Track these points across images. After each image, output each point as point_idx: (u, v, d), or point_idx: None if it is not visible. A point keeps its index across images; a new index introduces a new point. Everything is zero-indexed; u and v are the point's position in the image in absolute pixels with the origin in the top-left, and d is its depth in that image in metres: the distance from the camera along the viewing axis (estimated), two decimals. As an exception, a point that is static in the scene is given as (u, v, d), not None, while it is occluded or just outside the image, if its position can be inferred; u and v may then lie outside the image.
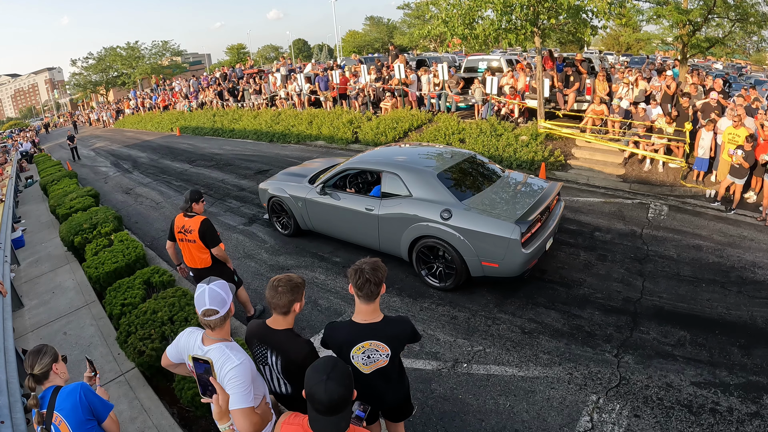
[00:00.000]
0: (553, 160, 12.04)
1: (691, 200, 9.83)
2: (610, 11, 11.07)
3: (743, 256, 7.23)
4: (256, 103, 23.58)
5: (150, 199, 12.47)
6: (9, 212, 11.28)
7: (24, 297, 7.43)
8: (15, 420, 3.80)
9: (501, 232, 5.84)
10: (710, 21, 13.64)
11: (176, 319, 5.29)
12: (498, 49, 24.53)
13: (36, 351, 2.92)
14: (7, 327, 5.32)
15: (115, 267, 7.04)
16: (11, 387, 4.24)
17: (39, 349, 2.94)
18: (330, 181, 7.73)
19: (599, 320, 5.77)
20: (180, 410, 4.72)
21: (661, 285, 6.49)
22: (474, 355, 5.29)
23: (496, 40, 12.45)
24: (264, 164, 15.02)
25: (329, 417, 2.07)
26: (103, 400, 2.91)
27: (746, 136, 8.84)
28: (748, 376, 4.74)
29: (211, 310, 2.61)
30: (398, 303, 6.41)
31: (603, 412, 4.40)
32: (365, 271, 2.82)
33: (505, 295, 6.41)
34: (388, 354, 2.94)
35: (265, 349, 2.96)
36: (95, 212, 9.40)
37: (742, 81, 25.44)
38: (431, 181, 6.64)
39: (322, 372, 2.08)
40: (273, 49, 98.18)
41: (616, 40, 47.47)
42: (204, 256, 5.46)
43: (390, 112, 16.92)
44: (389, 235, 6.92)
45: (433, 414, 4.52)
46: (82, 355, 5.60)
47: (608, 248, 7.61)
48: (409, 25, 65.13)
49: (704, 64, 34.88)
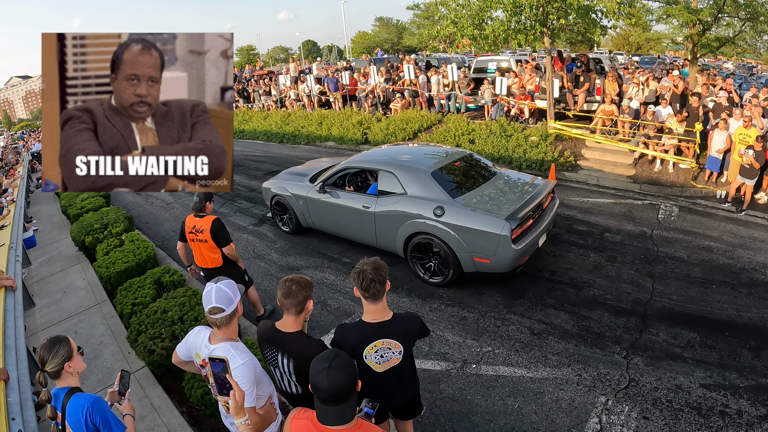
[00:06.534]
0: (563, 160, 12.00)
1: (701, 201, 9.76)
2: (619, 11, 11.02)
3: (754, 257, 7.17)
4: (266, 104, 23.65)
5: (161, 199, 12.54)
6: (20, 212, 11.39)
7: (35, 296, 7.50)
8: (26, 417, 3.83)
9: (491, 228, 5.96)
10: (720, 20, 13.53)
11: (186, 318, 5.33)
12: (507, 50, 24.47)
13: (48, 347, 2.75)
14: (18, 325, 5.36)
15: (126, 267, 7.09)
16: (22, 384, 4.28)
17: (51, 345, 2.75)
18: (329, 179, 7.87)
19: (609, 322, 5.75)
20: (189, 409, 4.75)
21: (671, 286, 6.46)
22: (483, 355, 5.29)
23: (506, 41, 12.42)
24: (274, 165, 15.06)
25: (334, 407, 2.11)
26: (117, 421, 2.75)
27: (757, 136, 8.77)
28: (758, 379, 4.71)
29: (217, 308, 2.63)
30: (407, 304, 6.42)
31: (612, 414, 4.38)
32: (368, 272, 2.84)
33: (515, 296, 6.40)
34: (401, 351, 2.95)
35: (276, 352, 2.97)
36: (106, 212, 9.47)
37: (753, 80, 25.16)
38: (425, 179, 6.77)
39: (324, 361, 2.13)
40: (282, 50, 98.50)
41: (626, 40, 47.12)
42: (215, 256, 5.50)
43: (400, 113, 16.91)
44: (385, 232, 7.06)
45: (441, 414, 4.52)
46: (93, 354, 5.67)
47: (618, 249, 7.58)
48: (418, 25, 65.01)
49: (715, 63, 34.58)
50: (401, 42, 69.39)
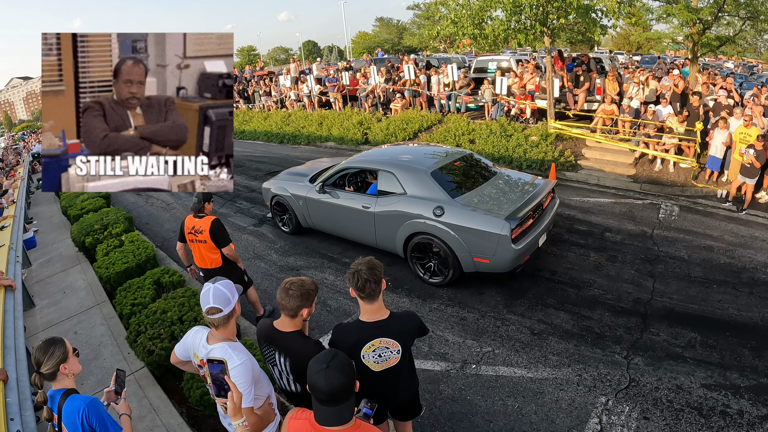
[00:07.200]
0: (563, 160, 11.99)
1: (702, 200, 9.74)
2: (619, 10, 11.01)
3: (755, 256, 7.15)
4: (266, 104, 23.65)
5: (161, 200, 12.53)
6: (21, 213, 11.39)
7: (35, 297, 7.50)
8: (24, 417, 3.84)
9: (491, 228, 5.96)
10: (720, 19, 13.48)
11: (186, 318, 5.33)
12: (508, 50, 24.43)
13: (44, 349, 2.74)
14: (18, 326, 5.36)
15: (126, 267, 7.09)
16: (21, 385, 4.28)
17: (46, 347, 2.75)
18: (329, 179, 7.87)
19: (609, 321, 5.74)
20: (189, 409, 4.75)
21: (672, 286, 6.44)
22: (483, 356, 5.28)
23: (506, 41, 12.41)
24: (274, 165, 15.06)
25: (332, 407, 2.11)
26: (113, 422, 2.73)
27: (757, 135, 8.76)
28: (759, 379, 4.69)
29: (214, 308, 2.63)
30: (407, 304, 6.41)
31: (612, 414, 4.37)
32: (362, 272, 2.84)
33: (515, 296, 6.39)
34: (399, 350, 2.95)
35: (273, 351, 2.97)
36: (106, 213, 9.47)
37: (754, 80, 25.14)
38: (425, 179, 6.77)
39: (322, 361, 2.13)
40: (283, 51, 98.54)
41: (626, 39, 47.13)
42: (214, 256, 5.49)
43: (400, 113, 16.90)
44: (385, 232, 7.06)
45: (441, 415, 4.51)
46: (92, 354, 5.67)
47: (618, 249, 7.56)
48: (418, 26, 65.00)
49: (715, 63, 34.57)
50: (402, 42, 69.37)
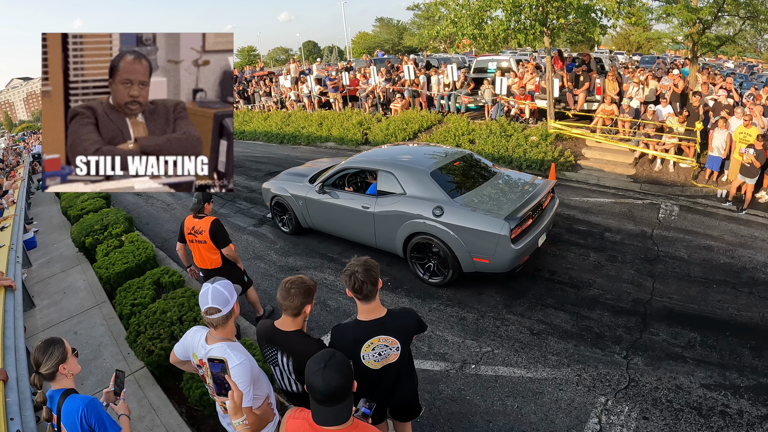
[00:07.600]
0: (563, 160, 11.99)
1: (702, 200, 9.74)
2: (619, 10, 11.00)
3: (755, 256, 7.15)
4: (266, 104, 23.66)
5: (161, 200, 12.53)
6: (21, 213, 11.40)
7: (35, 297, 7.51)
8: (24, 417, 3.84)
9: (490, 228, 5.95)
10: (720, 19, 13.50)
11: (185, 319, 5.33)
12: (508, 50, 24.44)
13: (43, 350, 2.75)
14: (18, 326, 5.37)
15: (126, 267, 7.09)
16: (21, 385, 4.29)
17: (45, 348, 2.76)
18: (329, 180, 7.87)
19: (609, 321, 5.74)
20: (188, 409, 4.75)
21: (672, 286, 6.44)
22: (482, 356, 5.28)
23: (506, 41, 12.41)
24: (274, 166, 15.06)
25: (329, 407, 2.11)
26: (112, 422, 2.74)
27: (757, 135, 8.76)
28: (758, 379, 4.69)
29: (213, 308, 2.63)
30: (407, 304, 6.41)
31: (612, 414, 4.37)
32: (359, 274, 2.85)
33: (514, 296, 6.39)
34: (398, 347, 2.95)
35: (275, 351, 2.97)
36: (106, 213, 9.47)
37: (754, 79, 25.14)
38: (424, 179, 6.77)
39: (320, 361, 2.13)
40: (283, 51, 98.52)
41: (626, 39, 47.17)
42: (214, 256, 5.49)
43: (400, 113, 16.90)
44: (385, 232, 7.06)
45: (440, 415, 4.51)
46: (92, 354, 5.67)
47: (618, 249, 7.56)
48: (418, 26, 64.99)
49: (715, 63, 34.57)
50: (402, 42, 69.35)
